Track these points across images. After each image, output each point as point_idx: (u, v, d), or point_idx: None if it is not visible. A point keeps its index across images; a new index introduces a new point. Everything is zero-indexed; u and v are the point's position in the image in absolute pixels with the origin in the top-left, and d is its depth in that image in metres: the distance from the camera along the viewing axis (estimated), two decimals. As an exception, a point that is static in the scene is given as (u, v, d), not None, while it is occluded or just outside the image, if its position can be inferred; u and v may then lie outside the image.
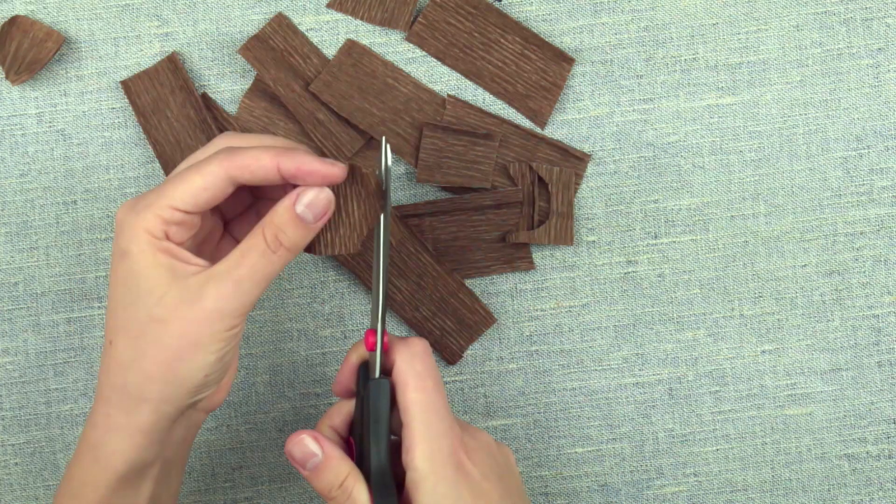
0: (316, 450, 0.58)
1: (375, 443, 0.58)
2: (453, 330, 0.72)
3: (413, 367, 0.59)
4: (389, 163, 0.60)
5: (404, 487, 0.58)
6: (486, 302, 0.73)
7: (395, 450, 0.60)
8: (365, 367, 0.60)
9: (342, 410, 0.62)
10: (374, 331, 0.60)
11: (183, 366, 0.56)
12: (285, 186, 0.59)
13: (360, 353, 0.61)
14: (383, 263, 0.60)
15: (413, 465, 0.58)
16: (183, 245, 0.57)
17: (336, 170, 0.57)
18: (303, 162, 0.57)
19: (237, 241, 0.62)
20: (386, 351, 0.60)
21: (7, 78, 0.72)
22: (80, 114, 0.73)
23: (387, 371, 0.60)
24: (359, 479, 0.58)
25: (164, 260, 0.56)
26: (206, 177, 0.56)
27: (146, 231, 0.56)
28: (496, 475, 0.60)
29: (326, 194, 0.57)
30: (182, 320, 0.56)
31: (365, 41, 0.73)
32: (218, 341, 0.56)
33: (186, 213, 0.56)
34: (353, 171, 0.58)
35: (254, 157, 0.56)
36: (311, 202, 0.57)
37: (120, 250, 0.57)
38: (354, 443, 0.61)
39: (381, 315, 0.60)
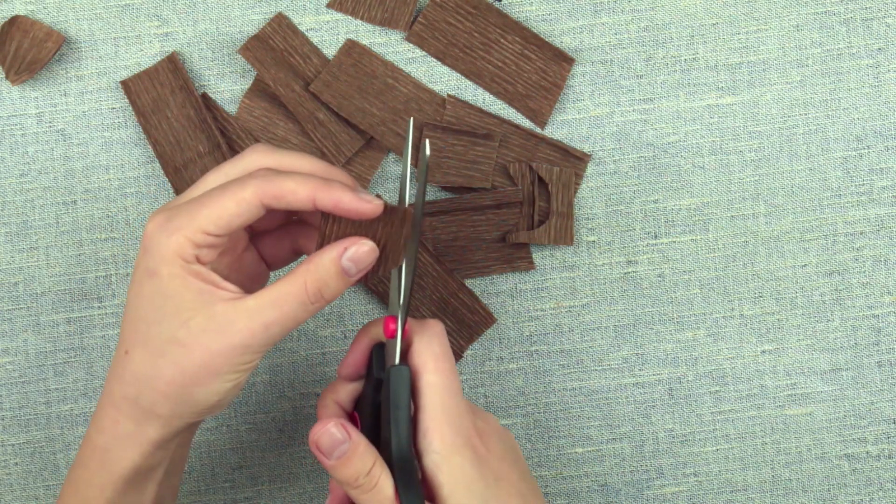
0: (344, 437, 0.56)
1: (396, 429, 0.57)
2: (453, 330, 0.72)
3: (431, 349, 0.58)
4: (428, 152, 0.59)
5: (420, 471, 0.58)
6: (486, 302, 0.73)
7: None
8: (379, 350, 0.60)
9: (347, 386, 0.61)
10: (394, 318, 0.59)
11: (198, 390, 0.56)
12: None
13: (371, 335, 0.61)
14: (411, 251, 0.59)
15: (433, 448, 0.57)
16: (210, 264, 0.57)
17: (372, 207, 0.56)
18: (340, 200, 0.56)
19: (261, 255, 0.62)
20: (405, 336, 0.59)
21: (7, 78, 0.72)
22: (80, 114, 0.73)
23: (402, 352, 0.59)
24: (384, 465, 0.57)
25: (194, 284, 0.56)
26: (239, 204, 0.55)
27: (177, 254, 0.55)
28: (511, 457, 0.59)
29: (371, 248, 0.57)
30: (205, 349, 0.55)
31: (365, 41, 0.73)
32: (236, 372, 0.56)
33: (217, 236, 0.56)
34: (385, 209, 0.58)
35: (291, 189, 0.56)
36: (357, 257, 0.57)
37: (148, 268, 0.56)
38: (360, 419, 0.60)
39: (404, 302, 0.59)
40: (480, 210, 0.72)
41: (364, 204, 0.56)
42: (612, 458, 0.73)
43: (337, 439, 0.56)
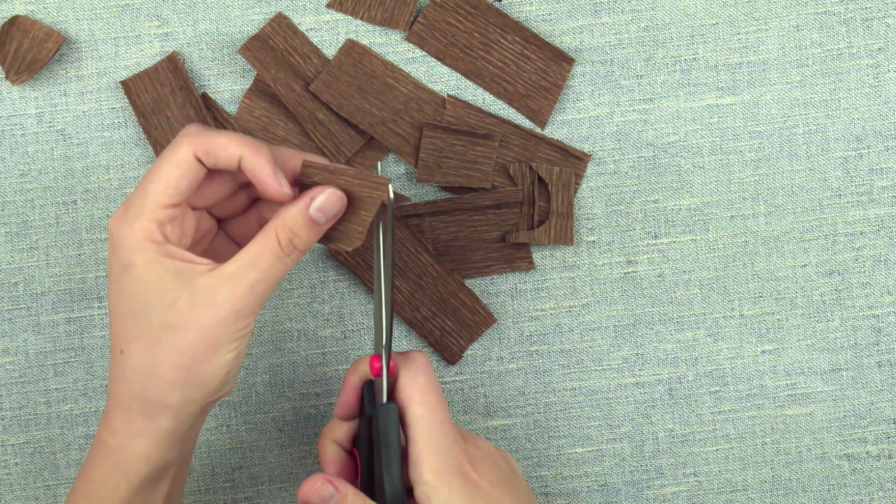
0: (331, 492, 0.59)
1: (388, 468, 0.59)
2: (453, 330, 0.72)
3: (416, 382, 0.59)
4: (391, 195, 0.60)
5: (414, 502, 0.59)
6: (486, 302, 0.73)
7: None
8: (369, 388, 0.61)
9: (344, 425, 0.62)
10: (379, 356, 0.60)
11: (203, 368, 0.56)
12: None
13: (359, 373, 0.61)
14: (386, 289, 0.60)
15: (423, 480, 0.58)
16: (180, 244, 0.57)
17: (279, 192, 0.57)
18: (261, 169, 0.57)
19: (232, 239, 0.62)
20: (391, 371, 0.60)
21: (7, 78, 0.72)
22: (80, 114, 0.73)
23: (389, 386, 0.60)
24: None
25: (170, 264, 0.56)
26: (179, 165, 0.56)
27: (146, 239, 0.56)
28: (503, 481, 0.60)
29: (339, 196, 0.58)
30: (198, 325, 0.56)
31: (365, 41, 0.73)
32: (234, 340, 0.57)
33: (175, 206, 0.56)
34: (359, 176, 0.58)
35: (221, 143, 0.57)
36: (324, 206, 0.58)
37: (121, 264, 0.56)
38: (359, 455, 0.61)
39: (385, 342, 0.60)
40: (480, 210, 0.72)
41: (274, 185, 0.57)
42: (612, 458, 0.73)
43: (325, 495, 0.59)
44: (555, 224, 0.72)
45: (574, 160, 0.73)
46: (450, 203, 0.72)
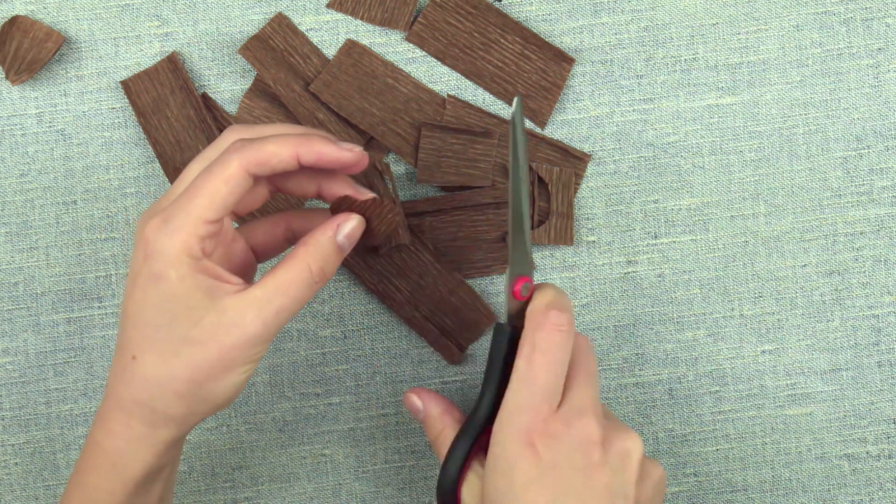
0: (418, 407, 0.64)
1: (486, 387, 0.61)
2: (454, 329, 0.72)
3: (531, 336, 0.59)
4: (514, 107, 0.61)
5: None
6: (486, 302, 0.73)
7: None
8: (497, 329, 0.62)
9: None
10: (522, 278, 0.61)
11: (215, 385, 0.57)
12: (301, 175, 0.61)
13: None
14: (525, 194, 0.61)
15: (494, 428, 0.59)
16: (216, 255, 0.57)
17: (353, 155, 0.58)
18: (322, 152, 0.58)
19: (250, 245, 0.62)
20: (528, 298, 0.61)
21: (7, 78, 0.72)
22: (80, 114, 0.73)
23: (518, 313, 0.62)
24: (451, 436, 0.61)
25: (204, 281, 0.56)
26: (228, 182, 0.56)
27: (184, 253, 0.55)
28: (578, 470, 0.57)
29: (359, 221, 0.60)
30: (220, 345, 0.56)
31: (365, 41, 0.73)
32: (249, 362, 0.57)
33: (217, 222, 0.56)
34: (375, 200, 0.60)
35: (273, 152, 0.57)
36: (350, 233, 0.59)
37: (153, 273, 0.56)
38: None
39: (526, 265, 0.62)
40: (480, 209, 0.72)
41: (345, 153, 0.58)
42: (612, 458, 0.73)
43: (414, 406, 0.64)
44: (555, 224, 0.72)
45: (574, 160, 0.73)
46: (450, 200, 0.72)
